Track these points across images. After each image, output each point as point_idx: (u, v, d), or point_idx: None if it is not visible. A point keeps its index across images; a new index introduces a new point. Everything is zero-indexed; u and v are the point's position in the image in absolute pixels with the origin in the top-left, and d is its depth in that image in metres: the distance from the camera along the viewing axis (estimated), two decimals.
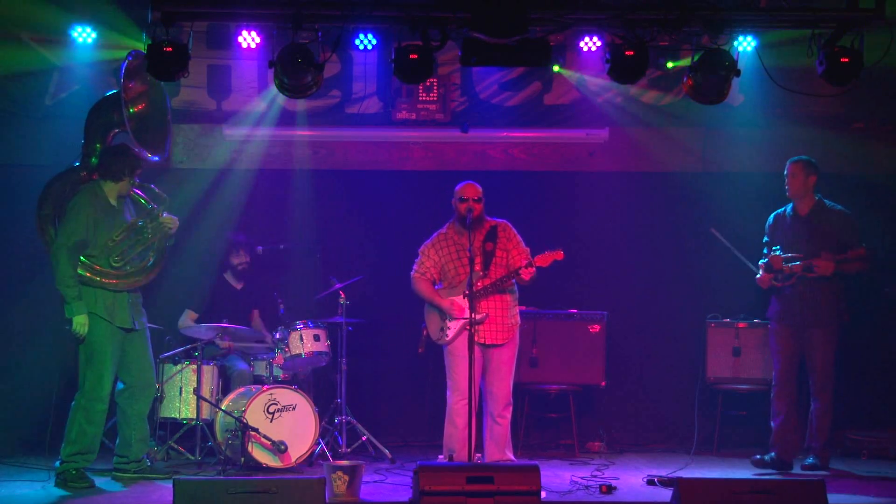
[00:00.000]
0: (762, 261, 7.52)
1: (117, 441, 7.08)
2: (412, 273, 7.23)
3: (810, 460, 7.36)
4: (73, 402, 6.88)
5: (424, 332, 7.22)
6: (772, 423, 7.43)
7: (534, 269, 6.98)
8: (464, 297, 6.96)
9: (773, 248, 7.42)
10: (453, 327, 7.05)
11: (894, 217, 8.68)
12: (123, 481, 6.90)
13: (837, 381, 8.24)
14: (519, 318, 7.24)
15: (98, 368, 6.79)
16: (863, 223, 8.21)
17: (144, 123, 7.13)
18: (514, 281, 7.09)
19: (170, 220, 7.07)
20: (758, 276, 7.51)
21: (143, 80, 7.08)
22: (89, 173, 7.00)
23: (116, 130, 7.06)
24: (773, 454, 7.36)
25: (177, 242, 8.50)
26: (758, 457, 7.43)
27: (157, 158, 7.19)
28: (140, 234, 6.98)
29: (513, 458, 7.13)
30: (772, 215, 7.57)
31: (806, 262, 7.26)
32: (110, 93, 7.15)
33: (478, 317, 6.85)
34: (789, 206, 7.51)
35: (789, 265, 7.30)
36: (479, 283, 6.93)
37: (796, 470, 7.35)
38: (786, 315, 7.38)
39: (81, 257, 6.79)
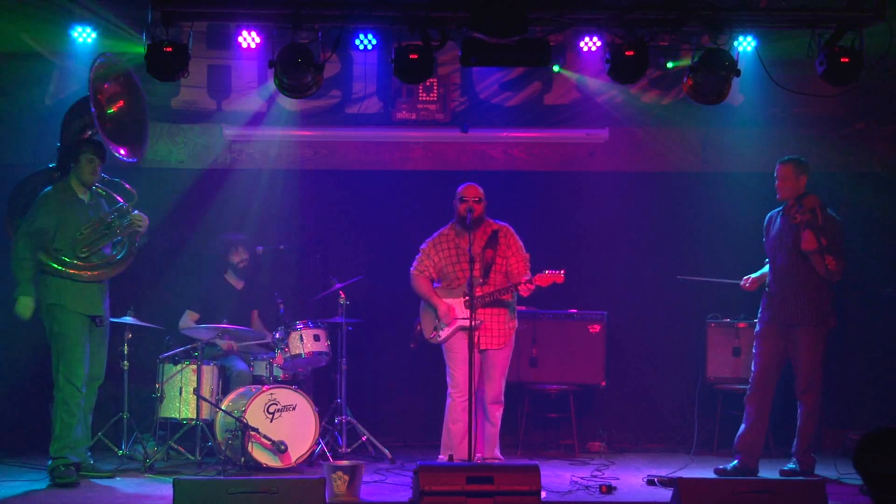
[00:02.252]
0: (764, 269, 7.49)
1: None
2: (412, 269, 7.25)
3: (790, 465, 7.17)
4: (53, 399, 6.92)
5: (418, 328, 7.25)
6: (741, 427, 7.30)
7: (533, 286, 7.00)
8: (466, 302, 6.95)
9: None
10: (447, 328, 7.10)
11: (894, 217, 8.67)
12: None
13: (836, 381, 8.27)
14: (516, 322, 7.27)
15: (71, 359, 6.84)
16: (862, 223, 8.23)
17: (119, 125, 7.16)
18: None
19: (139, 217, 7.14)
20: (742, 283, 7.48)
21: (118, 81, 7.15)
22: (63, 175, 7.06)
23: (90, 132, 7.10)
24: (736, 461, 7.22)
25: (177, 243, 8.56)
26: (720, 467, 7.27)
27: (133, 160, 7.26)
28: (108, 229, 7.05)
29: (500, 456, 7.16)
30: (767, 216, 7.52)
31: (804, 224, 7.08)
32: (84, 95, 7.18)
33: (474, 322, 6.91)
34: (782, 206, 7.40)
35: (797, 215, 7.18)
36: (478, 290, 6.94)
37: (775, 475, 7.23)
38: (772, 314, 7.27)
39: (48, 250, 6.86)
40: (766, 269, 7.43)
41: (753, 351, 7.42)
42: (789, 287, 7.21)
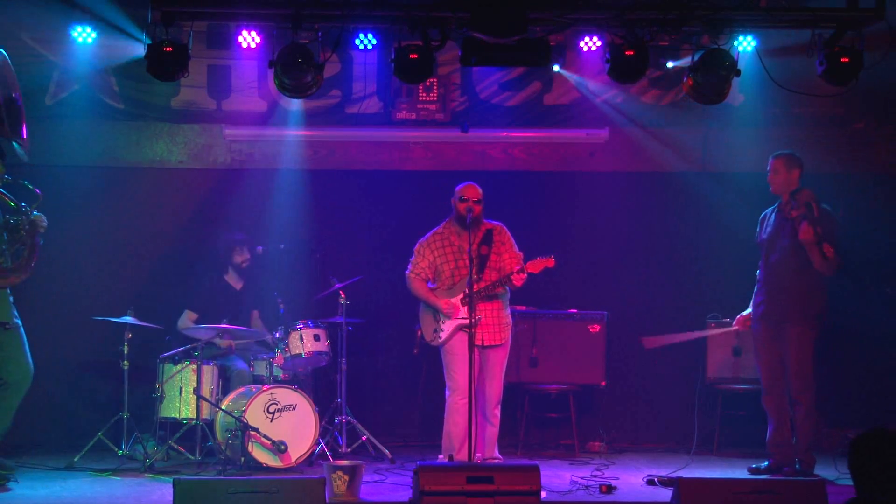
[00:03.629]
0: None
1: None
2: (407, 272, 7.25)
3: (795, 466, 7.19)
4: None
5: (419, 333, 7.24)
6: (769, 427, 7.35)
7: (525, 275, 7.00)
8: (462, 300, 6.98)
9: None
10: (447, 329, 7.07)
11: (894, 217, 8.67)
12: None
13: (836, 380, 8.27)
14: (511, 319, 7.26)
15: None
16: (862, 223, 8.22)
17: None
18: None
19: (40, 218, 6.94)
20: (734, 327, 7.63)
21: None
22: None
23: None
24: (769, 461, 7.27)
25: (177, 242, 8.56)
26: (754, 465, 7.34)
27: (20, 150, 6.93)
28: (16, 232, 6.88)
29: (499, 456, 7.16)
30: (762, 214, 7.50)
31: (801, 216, 7.09)
32: None
33: (473, 319, 6.89)
34: (777, 203, 7.40)
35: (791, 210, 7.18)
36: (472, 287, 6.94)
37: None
38: (764, 311, 7.29)
39: None
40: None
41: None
42: (781, 284, 7.23)
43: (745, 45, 7.15)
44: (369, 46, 7.15)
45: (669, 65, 7.80)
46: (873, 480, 3.25)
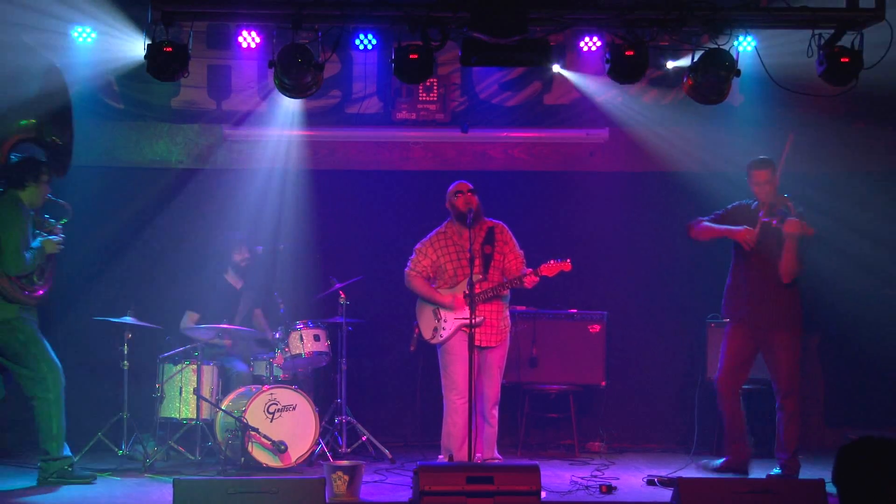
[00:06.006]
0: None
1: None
2: (406, 270, 7.24)
3: (776, 470, 7.10)
4: (36, 401, 6.83)
5: (416, 331, 7.24)
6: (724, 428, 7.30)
7: (538, 278, 6.97)
8: (465, 297, 6.97)
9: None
10: (448, 328, 7.05)
11: (894, 217, 8.67)
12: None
13: (836, 381, 8.27)
14: (510, 321, 7.25)
15: (48, 356, 6.83)
16: (862, 223, 8.22)
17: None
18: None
19: (48, 242, 7.01)
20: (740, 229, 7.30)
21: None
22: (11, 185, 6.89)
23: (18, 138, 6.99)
24: (723, 459, 7.23)
25: (177, 243, 8.57)
26: (705, 461, 7.33)
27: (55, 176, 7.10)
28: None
29: (499, 456, 7.15)
30: (739, 202, 7.40)
31: (780, 217, 7.07)
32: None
33: (476, 320, 6.86)
34: (750, 202, 7.36)
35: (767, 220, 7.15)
36: (477, 287, 6.92)
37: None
38: (745, 315, 7.22)
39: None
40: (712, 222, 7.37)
41: (722, 347, 7.35)
42: (765, 290, 7.17)
43: (745, 45, 7.14)
44: (369, 46, 7.16)
45: (669, 65, 7.79)
46: (861, 489, 3.22)
